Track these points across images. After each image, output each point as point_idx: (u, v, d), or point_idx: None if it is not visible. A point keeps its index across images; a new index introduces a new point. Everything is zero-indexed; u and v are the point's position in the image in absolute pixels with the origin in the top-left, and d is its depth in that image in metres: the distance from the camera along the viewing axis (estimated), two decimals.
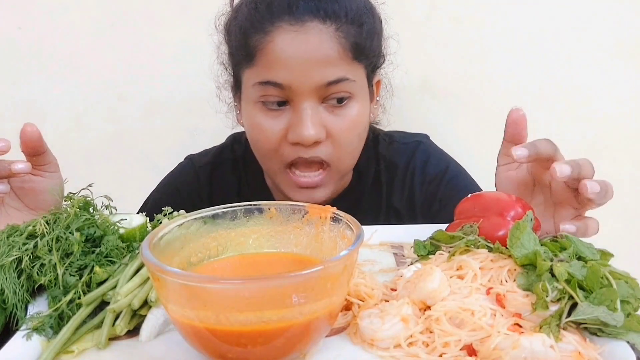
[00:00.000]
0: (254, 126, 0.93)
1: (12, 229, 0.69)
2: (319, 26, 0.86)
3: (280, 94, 0.88)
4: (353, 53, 0.88)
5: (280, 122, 0.90)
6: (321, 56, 0.86)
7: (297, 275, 0.49)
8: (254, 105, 0.91)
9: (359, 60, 0.91)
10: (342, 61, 0.87)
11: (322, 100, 0.89)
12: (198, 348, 0.54)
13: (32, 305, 0.65)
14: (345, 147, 0.92)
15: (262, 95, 0.89)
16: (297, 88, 0.86)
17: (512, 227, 0.63)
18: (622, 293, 0.56)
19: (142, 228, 0.74)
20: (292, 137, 0.88)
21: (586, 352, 0.53)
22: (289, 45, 0.86)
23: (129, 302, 0.61)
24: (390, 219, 1.06)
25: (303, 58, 0.85)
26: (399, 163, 1.07)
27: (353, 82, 0.89)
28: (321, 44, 0.86)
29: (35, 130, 0.76)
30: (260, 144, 0.94)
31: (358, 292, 0.64)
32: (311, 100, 0.87)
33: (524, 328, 0.56)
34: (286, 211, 0.66)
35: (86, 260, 0.66)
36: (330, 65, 0.86)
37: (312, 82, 0.86)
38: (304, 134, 0.86)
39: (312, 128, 0.86)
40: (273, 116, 0.90)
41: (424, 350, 0.56)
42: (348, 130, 0.91)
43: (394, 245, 0.82)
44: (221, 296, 0.51)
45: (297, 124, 0.87)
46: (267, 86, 0.88)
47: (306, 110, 0.87)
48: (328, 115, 0.89)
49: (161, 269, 0.50)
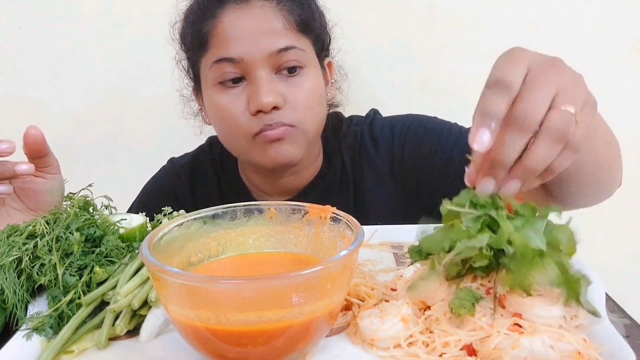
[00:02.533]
0: (216, 107, 0.97)
1: (12, 229, 0.69)
2: (262, 2, 0.94)
3: (235, 69, 0.93)
4: (298, 26, 0.95)
5: (240, 97, 0.94)
6: (268, 28, 0.92)
7: (297, 275, 0.49)
8: (213, 88, 0.96)
9: (305, 33, 0.97)
10: (288, 32, 0.94)
11: (275, 70, 0.94)
12: (198, 348, 0.54)
13: (32, 305, 0.65)
14: (305, 110, 0.96)
15: (219, 75, 0.94)
16: (250, 59, 0.91)
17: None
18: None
19: (142, 228, 0.74)
20: (253, 107, 0.92)
21: (586, 352, 0.53)
22: (237, 22, 0.92)
23: (129, 302, 0.61)
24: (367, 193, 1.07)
25: (251, 31, 0.92)
26: (366, 135, 1.09)
27: (302, 52, 0.95)
28: (266, 17, 0.93)
29: (39, 133, 0.77)
30: (224, 122, 0.98)
31: (358, 292, 0.64)
32: (265, 70, 0.92)
33: (524, 328, 0.56)
34: (286, 211, 0.66)
35: (86, 260, 0.66)
36: (278, 35, 0.93)
37: (263, 52, 0.91)
38: (262, 100, 0.91)
39: (269, 94, 0.91)
40: (232, 94, 0.95)
41: (424, 350, 0.56)
42: (304, 96, 0.96)
43: (394, 245, 0.82)
44: (221, 296, 0.51)
45: (255, 93, 0.92)
46: (222, 63, 0.93)
47: (262, 78, 0.92)
48: (283, 84, 0.94)
49: (161, 269, 0.50)
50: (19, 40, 1.40)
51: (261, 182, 1.09)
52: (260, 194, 1.10)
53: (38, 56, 1.41)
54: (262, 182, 1.08)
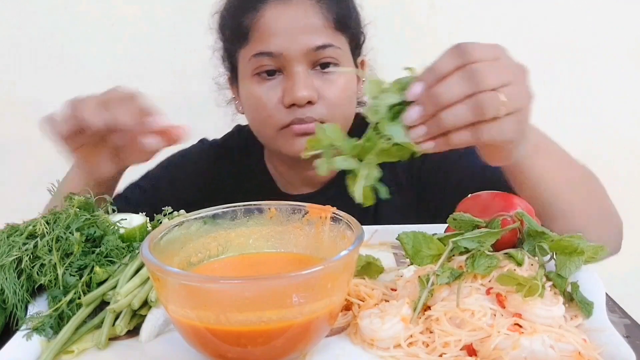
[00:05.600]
0: (252, 97, 1.00)
1: (12, 229, 0.69)
2: (303, 0, 0.97)
3: (273, 63, 0.96)
4: (335, 24, 0.97)
5: (276, 90, 0.97)
6: (308, 25, 0.95)
7: (297, 275, 0.49)
8: (250, 80, 0.99)
9: (342, 31, 0.99)
10: (326, 30, 0.97)
11: (311, 66, 0.96)
12: (198, 348, 0.54)
13: (32, 305, 0.65)
14: (336, 108, 0.98)
15: (257, 67, 0.97)
16: (288, 54, 0.94)
17: None
18: None
19: (142, 228, 0.74)
20: (288, 100, 0.95)
21: (586, 352, 0.53)
22: (278, 18, 0.95)
23: (129, 302, 0.61)
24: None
25: (291, 27, 0.95)
26: None
27: (339, 50, 0.98)
28: (306, 14, 0.96)
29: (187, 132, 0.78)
30: (257, 112, 1.00)
31: (358, 292, 0.64)
32: (302, 65, 0.95)
33: (524, 328, 0.56)
34: (286, 211, 0.66)
35: (86, 260, 0.66)
36: (317, 32, 0.96)
37: (301, 48, 0.94)
38: (297, 95, 0.93)
39: (304, 89, 0.94)
40: (268, 85, 0.97)
41: (424, 350, 0.56)
42: (337, 93, 0.98)
43: (394, 245, 0.82)
44: (221, 296, 0.51)
45: (291, 87, 0.94)
46: (260, 57, 0.96)
47: (298, 73, 0.95)
48: (318, 80, 0.97)
49: (161, 269, 0.50)
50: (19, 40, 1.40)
51: (287, 172, 1.11)
52: (285, 184, 1.12)
53: (38, 56, 1.41)
54: (287, 172, 1.10)
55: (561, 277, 0.62)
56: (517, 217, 0.67)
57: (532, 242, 0.66)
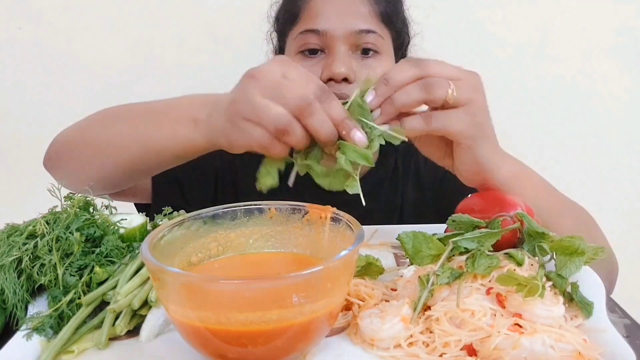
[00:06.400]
0: None
1: (12, 229, 0.69)
2: None
3: (317, 41, 1.00)
4: (381, 16, 1.03)
5: (316, 67, 1.01)
6: (354, 10, 1.01)
7: (297, 275, 0.49)
8: (295, 57, 1.03)
9: (386, 25, 1.04)
10: (372, 18, 1.02)
11: (353, 49, 1.01)
12: (198, 348, 0.54)
13: (32, 305, 0.65)
14: None
15: (302, 44, 1.02)
16: (333, 34, 0.99)
17: None
18: None
19: (142, 228, 0.74)
20: (326, 74, 0.99)
21: (586, 352, 0.53)
22: (327, 2, 1.02)
23: (129, 302, 0.61)
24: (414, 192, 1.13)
25: (338, 10, 1.01)
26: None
27: (381, 39, 1.02)
28: (354, 1, 1.02)
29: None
30: None
31: (358, 292, 0.64)
32: (344, 46, 1.00)
33: (524, 328, 0.56)
34: (286, 211, 0.66)
35: (86, 260, 0.66)
36: (362, 18, 1.01)
37: (345, 29, 0.99)
38: (335, 70, 0.97)
39: (342, 65, 0.97)
40: (310, 63, 1.02)
41: (424, 350, 0.56)
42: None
43: (394, 245, 0.82)
44: (221, 296, 0.51)
45: (331, 63, 0.99)
46: (307, 34, 1.01)
47: (339, 52, 0.99)
48: (357, 62, 1.01)
49: (161, 269, 0.50)
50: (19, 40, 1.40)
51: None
52: None
53: (38, 56, 1.41)
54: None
55: (561, 277, 0.62)
56: (517, 218, 0.67)
57: (532, 243, 0.66)
